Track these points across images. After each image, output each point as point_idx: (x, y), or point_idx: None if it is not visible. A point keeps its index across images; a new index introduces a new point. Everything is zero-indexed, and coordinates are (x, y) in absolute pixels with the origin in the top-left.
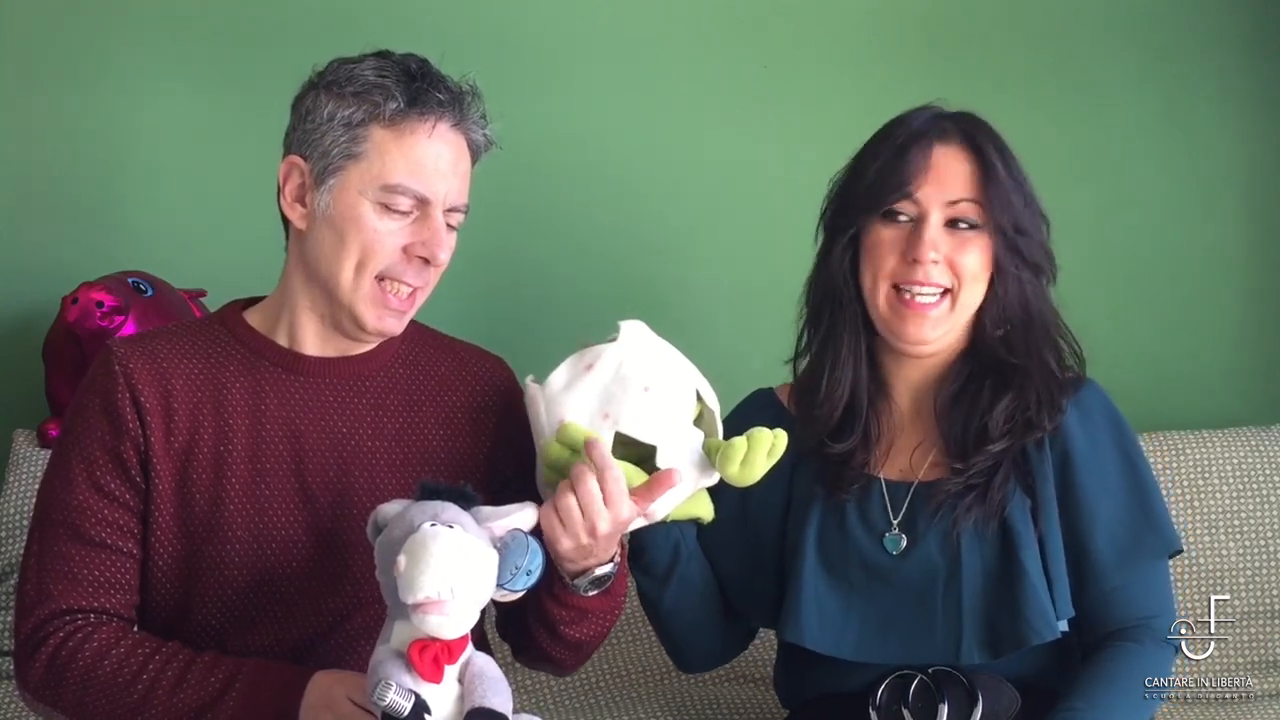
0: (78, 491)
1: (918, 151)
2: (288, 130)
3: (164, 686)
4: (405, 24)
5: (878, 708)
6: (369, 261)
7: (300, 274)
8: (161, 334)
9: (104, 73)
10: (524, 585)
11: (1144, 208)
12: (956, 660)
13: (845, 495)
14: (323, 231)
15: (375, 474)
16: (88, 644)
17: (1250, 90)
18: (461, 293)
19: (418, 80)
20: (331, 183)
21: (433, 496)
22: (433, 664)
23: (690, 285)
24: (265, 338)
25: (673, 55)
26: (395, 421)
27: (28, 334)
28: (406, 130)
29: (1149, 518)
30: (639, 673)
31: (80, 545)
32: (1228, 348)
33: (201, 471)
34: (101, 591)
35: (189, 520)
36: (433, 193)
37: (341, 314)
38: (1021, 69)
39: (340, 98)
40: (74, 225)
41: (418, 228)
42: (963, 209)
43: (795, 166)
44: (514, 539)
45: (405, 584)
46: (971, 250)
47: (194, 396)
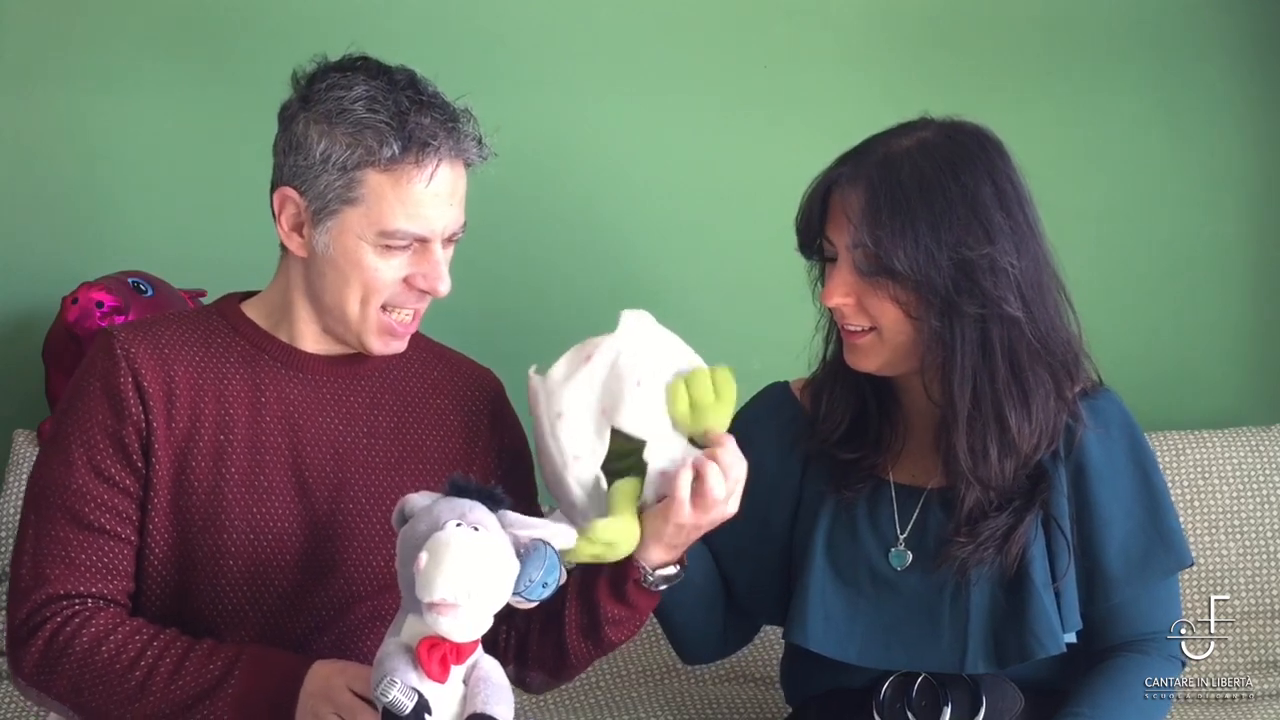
0: (77, 475)
1: (818, 196)
2: (278, 150)
3: (161, 674)
4: (405, 23)
5: (881, 706)
6: (373, 297)
7: (303, 293)
8: (161, 321)
9: (104, 72)
10: (539, 596)
11: (1144, 207)
12: (961, 670)
13: (854, 496)
14: (324, 268)
15: (370, 470)
16: (85, 629)
17: (1251, 90)
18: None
19: (411, 116)
20: (329, 224)
21: (462, 494)
22: (440, 664)
23: (689, 285)
24: (266, 333)
25: (673, 55)
26: (390, 420)
27: (28, 334)
28: (404, 178)
29: (1161, 533)
30: (639, 673)
31: (79, 530)
32: (1228, 348)
33: (201, 460)
34: (99, 577)
35: (186, 509)
36: (431, 232)
37: (348, 337)
38: (1021, 68)
39: (331, 134)
40: (74, 225)
41: (417, 260)
42: (858, 254)
43: (795, 166)
44: (536, 549)
45: (423, 582)
46: (872, 296)
47: (196, 384)
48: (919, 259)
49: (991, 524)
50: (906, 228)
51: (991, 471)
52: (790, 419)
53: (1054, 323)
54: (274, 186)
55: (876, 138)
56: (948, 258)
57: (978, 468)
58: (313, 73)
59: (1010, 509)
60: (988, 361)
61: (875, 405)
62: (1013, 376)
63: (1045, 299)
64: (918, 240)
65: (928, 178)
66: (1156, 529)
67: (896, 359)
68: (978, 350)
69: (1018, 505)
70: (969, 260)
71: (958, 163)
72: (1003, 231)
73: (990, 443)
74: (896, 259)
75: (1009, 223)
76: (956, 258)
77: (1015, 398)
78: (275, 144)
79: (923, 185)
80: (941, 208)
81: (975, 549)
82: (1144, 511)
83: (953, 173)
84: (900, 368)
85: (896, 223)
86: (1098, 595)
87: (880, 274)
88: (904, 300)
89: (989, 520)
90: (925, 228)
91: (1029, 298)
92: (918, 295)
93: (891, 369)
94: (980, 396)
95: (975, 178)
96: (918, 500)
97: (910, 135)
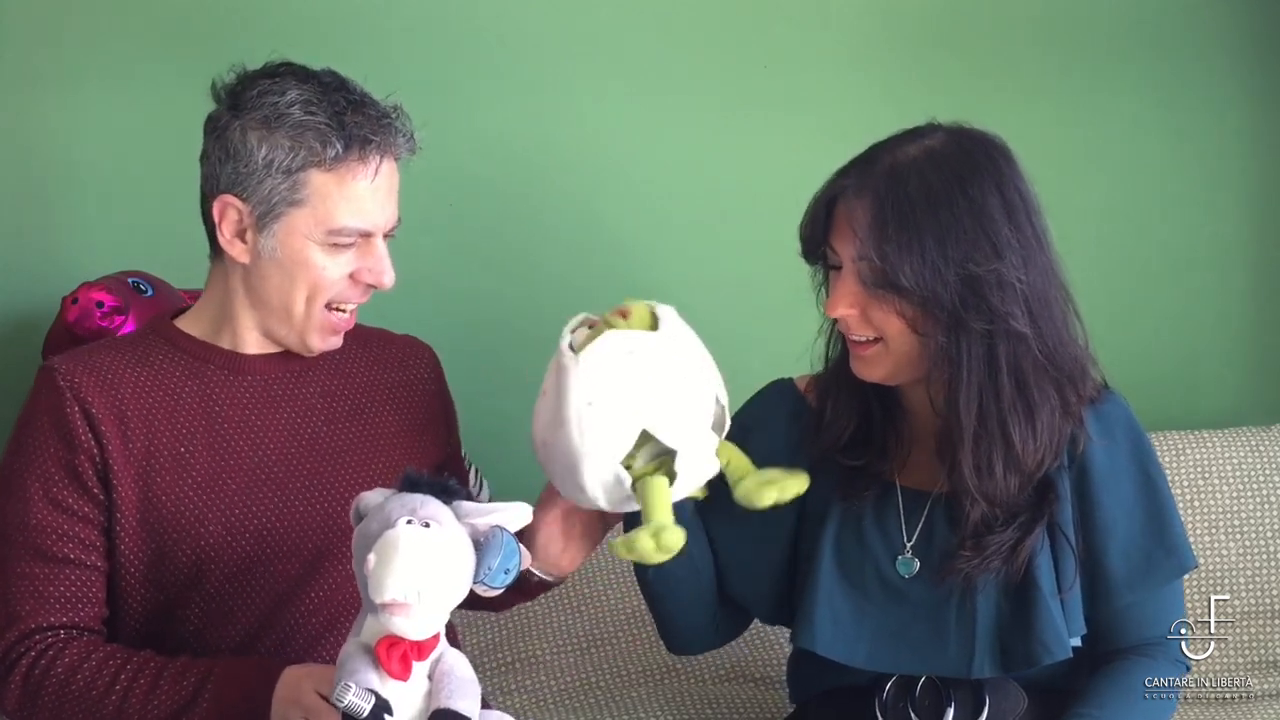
0: (35, 510)
1: (823, 205)
2: (211, 159)
3: (137, 695)
4: (405, 23)
5: (884, 705)
6: (319, 295)
7: (245, 298)
8: (98, 349)
9: (104, 72)
10: (502, 583)
11: (1144, 207)
12: (968, 674)
13: (861, 500)
14: (270, 270)
15: (336, 455)
16: (59, 661)
17: (1251, 90)
18: (461, 292)
19: (347, 115)
20: (275, 228)
21: (415, 488)
22: (400, 662)
23: (689, 285)
24: (207, 343)
25: (673, 55)
26: (345, 404)
27: (28, 334)
28: (348, 176)
29: (1164, 538)
30: (639, 673)
31: (43, 563)
32: (1228, 348)
33: (164, 475)
34: (69, 607)
35: (157, 525)
36: (375, 226)
37: (290, 338)
38: (1021, 68)
39: (271, 139)
40: (74, 225)
41: (361, 255)
42: (863, 266)
43: (795, 167)
44: (494, 536)
45: (373, 583)
46: (877, 308)
47: (146, 403)
48: (925, 274)
49: (998, 538)
50: (913, 242)
51: (997, 488)
52: (796, 417)
53: (1061, 337)
54: (208, 196)
55: (883, 145)
56: (954, 273)
57: (983, 484)
58: (236, 82)
59: (1016, 523)
60: (994, 379)
61: (880, 412)
62: (1019, 393)
63: (1052, 312)
64: (924, 256)
65: (935, 190)
66: (1160, 533)
67: (902, 369)
68: (984, 366)
69: (1024, 520)
70: (976, 276)
71: (965, 174)
72: (1010, 246)
73: (995, 459)
74: (903, 274)
75: (1017, 236)
76: (963, 274)
77: (1021, 415)
78: (205, 154)
79: (930, 198)
80: (948, 222)
81: (981, 561)
82: (1147, 515)
83: (960, 185)
84: (905, 377)
85: (903, 237)
86: (1101, 599)
87: (886, 288)
88: (909, 315)
89: (995, 535)
90: (932, 243)
91: (1036, 312)
92: (924, 311)
93: (897, 379)
94: (986, 414)
95: (983, 190)
96: (924, 505)
97: (917, 143)
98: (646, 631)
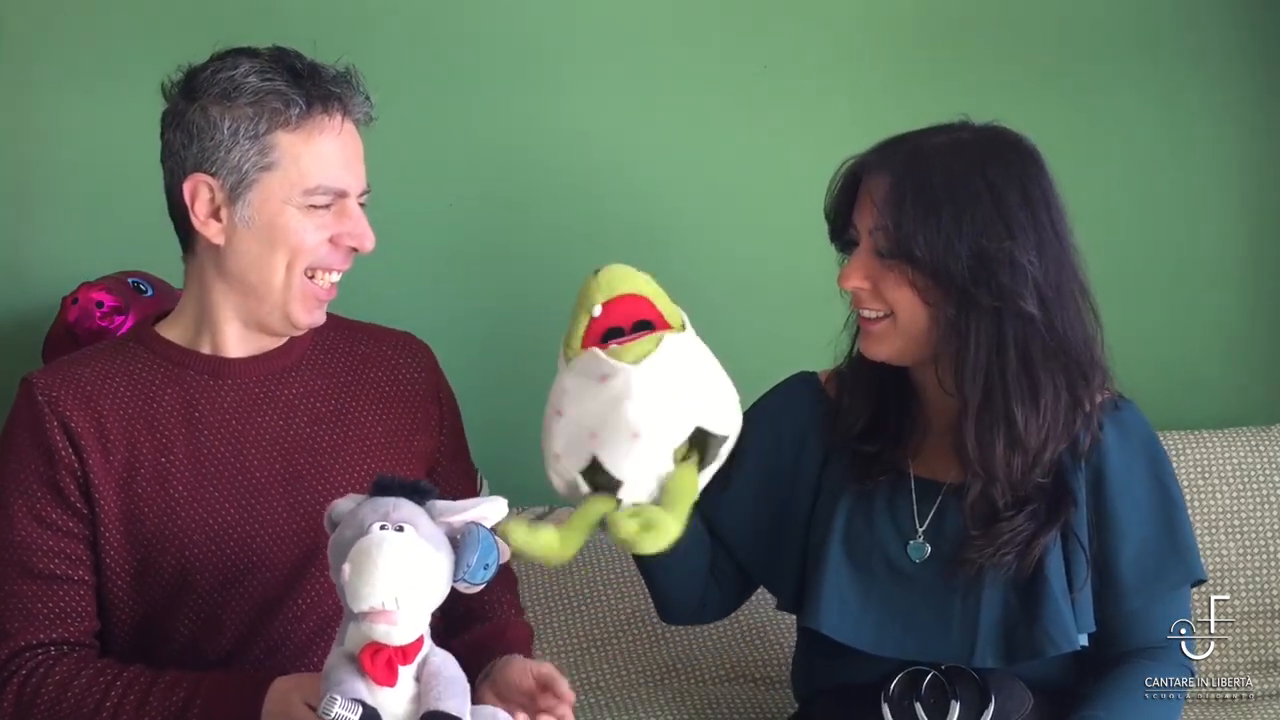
0: (19, 528)
1: (849, 181)
2: (173, 149)
3: (127, 711)
4: (404, 23)
5: (890, 701)
6: (298, 260)
7: (221, 285)
8: (79, 360)
9: (104, 72)
10: (482, 579)
11: (1144, 207)
12: (970, 663)
13: (874, 486)
14: (247, 243)
15: (318, 457)
16: (49, 678)
17: (1251, 90)
18: (461, 291)
19: (306, 78)
20: (249, 196)
21: (387, 491)
22: (385, 668)
23: (689, 285)
24: (187, 349)
25: (672, 55)
26: (328, 404)
27: (28, 334)
28: (315, 131)
29: (1175, 545)
30: (639, 673)
31: (31, 580)
32: (1228, 348)
33: (145, 487)
34: (58, 623)
35: (140, 535)
36: (347, 185)
37: (273, 315)
38: (1021, 69)
39: (233, 110)
40: (74, 225)
41: (338, 218)
42: (879, 236)
43: (795, 166)
44: (470, 533)
45: (351, 593)
46: (890, 280)
47: (125, 414)
48: (938, 245)
49: (1008, 526)
50: (929, 214)
51: (997, 464)
52: (815, 408)
53: (1072, 325)
54: (174, 188)
55: (911, 132)
56: (967, 247)
57: (984, 459)
58: (187, 73)
59: (1026, 511)
60: (1000, 356)
61: (895, 400)
62: (1024, 372)
63: (1064, 301)
64: (939, 227)
65: (955, 172)
66: (1171, 540)
67: (910, 347)
68: (991, 343)
69: (1034, 509)
70: (987, 252)
71: (988, 162)
72: (1024, 229)
73: (997, 436)
74: (916, 243)
75: (1032, 222)
76: (975, 248)
77: (1025, 393)
78: (166, 149)
79: (950, 178)
80: (965, 199)
81: (994, 552)
82: (1159, 523)
83: (981, 170)
84: (914, 357)
85: (919, 208)
86: (1110, 602)
87: (898, 256)
88: (921, 286)
89: (1004, 522)
90: (947, 216)
91: (1046, 297)
92: (934, 282)
93: (905, 358)
94: (991, 389)
95: (1004, 178)
96: (937, 494)
97: (946, 134)
98: (647, 632)
